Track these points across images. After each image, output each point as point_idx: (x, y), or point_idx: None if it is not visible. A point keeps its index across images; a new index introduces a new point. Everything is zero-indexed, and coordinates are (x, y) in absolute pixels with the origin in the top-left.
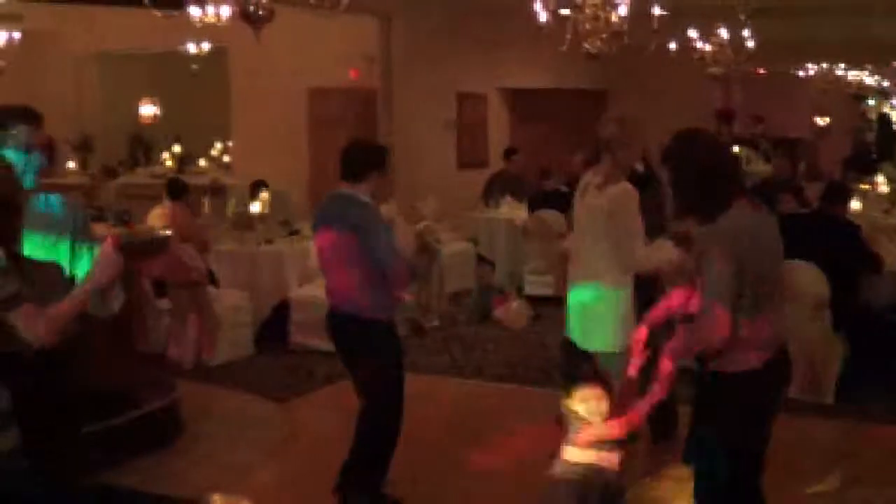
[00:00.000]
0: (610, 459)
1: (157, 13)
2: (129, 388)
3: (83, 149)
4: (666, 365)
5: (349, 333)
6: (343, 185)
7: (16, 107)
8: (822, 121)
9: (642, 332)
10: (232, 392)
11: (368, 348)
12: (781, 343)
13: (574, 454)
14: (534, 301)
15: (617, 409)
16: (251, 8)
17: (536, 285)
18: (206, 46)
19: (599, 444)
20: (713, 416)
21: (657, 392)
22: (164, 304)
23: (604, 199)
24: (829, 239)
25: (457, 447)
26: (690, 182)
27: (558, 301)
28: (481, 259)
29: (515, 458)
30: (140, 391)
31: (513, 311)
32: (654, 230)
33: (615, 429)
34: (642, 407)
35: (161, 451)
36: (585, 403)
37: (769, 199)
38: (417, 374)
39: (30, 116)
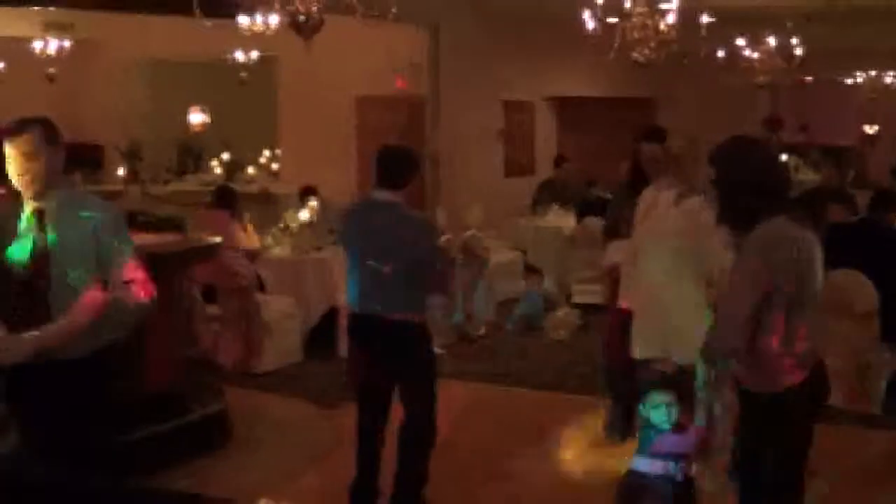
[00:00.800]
0: (680, 469)
1: (208, 23)
2: (179, 394)
3: (132, 156)
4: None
5: (403, 339)
6: (381, 192)
7: None
8: (870, 129)
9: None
10: (280, 398)
11: (422, 352)
12: (817, 360)
13: (644, 463)
14: (582, 309)
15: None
16: (301, 18)
17: (585, 294)
18: (254, 55)
19: (669, 453)
20: (755, 432)
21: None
22: (214, 310)
23: (679, 213)
24: (877, 247)
25: (502, 454)
26: (736, 189)
27: (607, 310)
28: (529, 268)
29: (561, 466)
30: (189, 396)
31: (559, 320)
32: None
33: (686, 439)
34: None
35: (210, 456)
36: (657, 411)
37: (817, 209)
38: (464, 381)
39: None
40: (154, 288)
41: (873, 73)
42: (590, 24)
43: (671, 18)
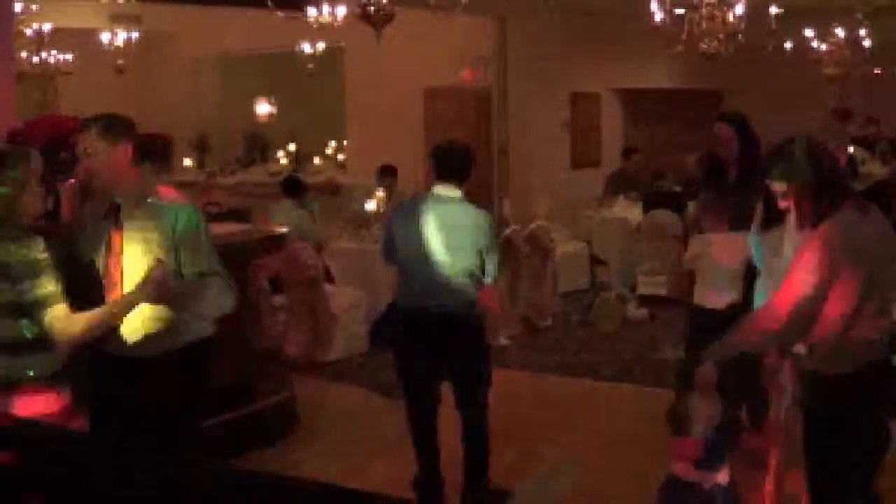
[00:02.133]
0: (721, 471)
1: (280, 13)
2: (247, 384)
3: (200, 148)
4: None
5: (466, 331)
6: (444, 187)
7: None
8: None
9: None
10: (347, 388)
11: (482, 343)
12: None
13: (684, 467)
14: (647, 301)
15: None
16: (372, 9)
17: (650, 285)
18: (321, 46)
19: (712, 457)
20: (823, 416)
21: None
22: (281, 300)
23: None
24: None
25: (567, 443)
26: (809, 191)
27: (671, 302)
28: (595, 259)
29: (627, 457)
30: (257, 386)
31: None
32: None
33: (694, 446)
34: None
35: (277, 446)
36: (698, 410)
37: (884, 201)
38: (531, 371)
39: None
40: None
41: None
42: (658, 15)
43: (739, 10)
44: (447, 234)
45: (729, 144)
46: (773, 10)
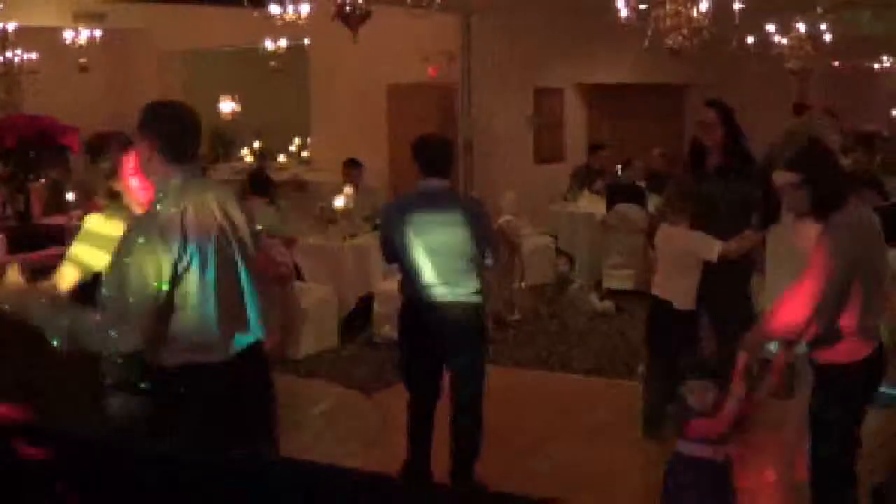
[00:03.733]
0: (719, 451)
1: (246, 11)
2: None
3: None
4: (741, 359)
5: (468, 320)
6: (433, 181)
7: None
8: None
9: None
10: (316, 383)
11: (483, 331)
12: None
13: (686, 447)
14: (613, 295)
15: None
16: (348, 8)
17: (616, 279)
18: (284, 43)
19: (708, 437)
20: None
21: (736, 389)
22: None
23: None
24: None
25: (542, 437)
26: (823, 185)
27: (638, 295)
28: (560, 252)
29: (597, 448)
30: None
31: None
32: None
33: (717, 424)
34: (729, 406)
35: None
36: (693, 395)
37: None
38: (503, 366)
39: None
40: None
41: None
42: (623, 11)
43: (704, 6)
44: (444, 225)
45: (713, 130)
46: (737, 5)
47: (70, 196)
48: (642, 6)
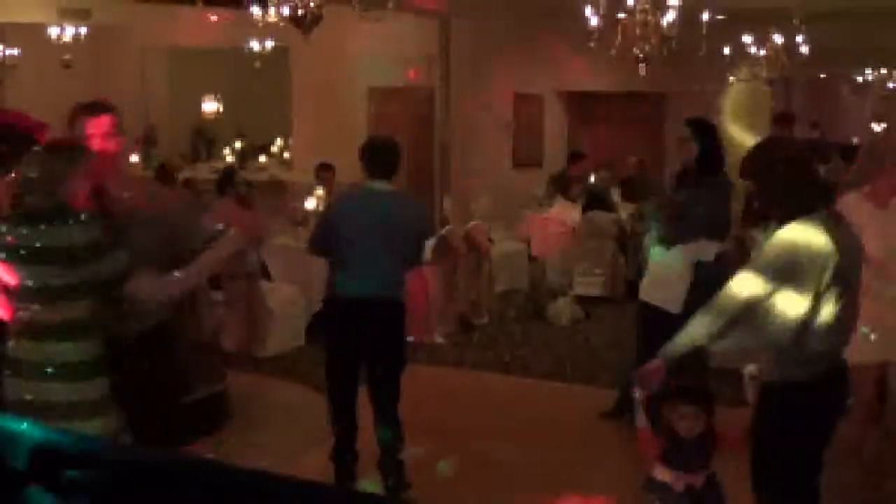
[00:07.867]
0: (695, 476)
1: (217, 13)
2: (181, 376)
3: (146, 142)
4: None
5: (393, 320)
6: (378, 182)
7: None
8: (878, 126)
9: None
10: (282, 382)
11: (403, 328)
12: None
13: (661, 472)
14: (584, 301)
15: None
16: (300, 12)
17: (586, 285)
18: (268, 45)
19: (683, 460)
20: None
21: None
22: (218, 295)
23: None
24: None
25: (492, 440)
26: (773, 189)
27: (607, 301)
28: (532, 258)
29: (557, 455)
30: (191, 379)
31: (561, 308)
32: None
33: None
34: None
35: (210, 438)
36: (682, 421)
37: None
38: (465, 369)
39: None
40: None
41: (884, 70)
42: (593, 20)
43: (671, 15)
44: (385, 225)
45: (689, 147)
46: (706, 16)
47: None
48: (620, 15)
